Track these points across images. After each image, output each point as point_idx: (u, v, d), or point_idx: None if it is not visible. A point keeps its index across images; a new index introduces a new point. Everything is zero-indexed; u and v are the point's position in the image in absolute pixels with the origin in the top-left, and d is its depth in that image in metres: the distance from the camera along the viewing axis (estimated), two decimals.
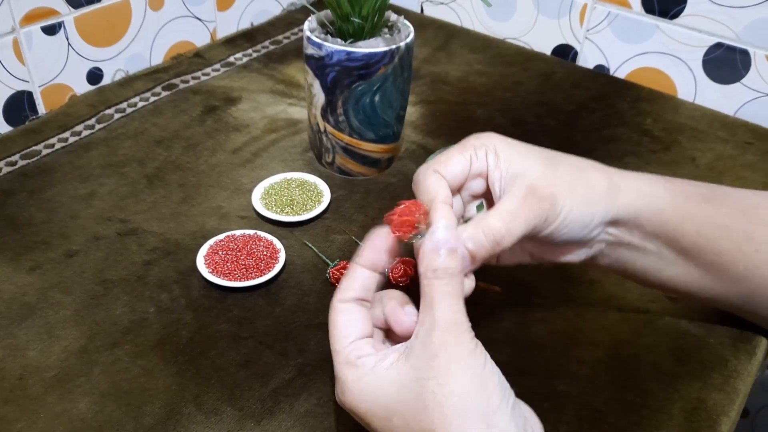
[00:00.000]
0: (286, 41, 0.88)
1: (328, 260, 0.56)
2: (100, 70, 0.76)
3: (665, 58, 0.80)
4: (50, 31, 0.70)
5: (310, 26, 0.60)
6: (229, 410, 0.45)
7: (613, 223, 0.44)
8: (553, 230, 0.41)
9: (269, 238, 0.56)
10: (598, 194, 0.42)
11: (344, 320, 0.38)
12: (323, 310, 0.52)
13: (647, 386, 0.48)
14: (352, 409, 0.37)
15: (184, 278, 0.54)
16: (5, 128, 0.70)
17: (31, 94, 0.71)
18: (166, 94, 0.76)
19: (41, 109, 0.72)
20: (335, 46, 0.57)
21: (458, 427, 0.33)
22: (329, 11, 0.60)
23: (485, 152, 0.42)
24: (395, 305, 0.39)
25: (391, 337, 0.41)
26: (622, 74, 0.84)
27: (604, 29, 0.83)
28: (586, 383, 0.48)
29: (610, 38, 0.83)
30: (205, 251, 0.55)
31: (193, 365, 0.48)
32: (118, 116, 0.72)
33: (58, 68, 0.72)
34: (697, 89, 0.80)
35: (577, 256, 0.45)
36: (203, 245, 0.56)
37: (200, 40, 0.86)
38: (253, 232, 0.57)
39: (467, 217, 0.45)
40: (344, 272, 0.53)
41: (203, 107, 0.74)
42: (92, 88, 0.76)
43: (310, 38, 0.58)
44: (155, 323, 0.50)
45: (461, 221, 0.43)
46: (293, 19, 0.93)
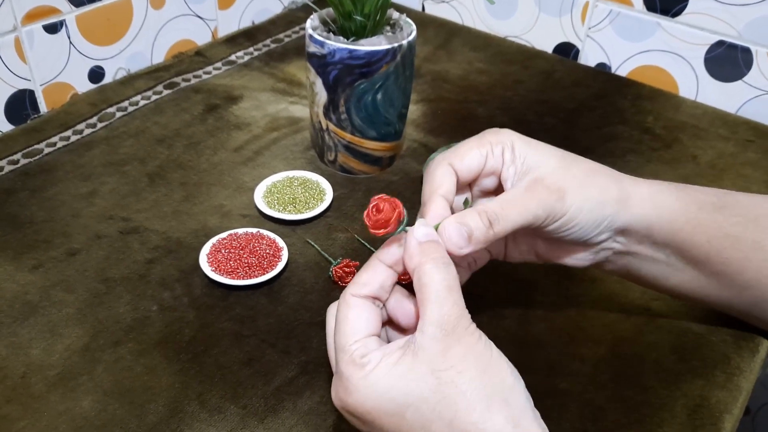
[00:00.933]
0: (287, 39, 0.88)
1: (330, 258, 0.56)
2: (101, 68, 0.76)
3: (667, 56, 0.80)
4: (52, 29, 0.70)
5: (312, 24, 0.60)
6: (232, 408, 0.45)
7: (622, 231, 0.44)
8: (560, 225, 0.41)
9: (272, 236, 0.56)
10: (609, 198, 0.42)
11: (355, 316, 0.37)
12: (325, 308, 0.51)
13: (649, 384, 0.48)
14: (356, 408, 0.36)
15: (186, 276, 0.54)
16: (7, 127, 0.70)
17: (32, 92, 0.71)
18: (167, 92, 0.76)
19: (43, 107, 0.72)
20: (337, 44, 0.57)
21: (482, 410, 0.34)
22: (331, 9, 0.60)
23: (502, 149, 0.42)
24: (401, 297, 0.39)
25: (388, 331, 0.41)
26: (623, 72, 0.84)
27: (605, 27, 0.83)
28: (588, 381, 0.48)
29: (611, 36, 0.83)
30: (207, 249, 0.55)
31: (196, 363, 0.48)
32: (119, 115, 0.72)
33: (59, 67, 0.72)
34: (698, 87, 0.80)
35: (582, 260, 0.45)
36: (206, 243, 0.56)
37: (201, 38, 0.86)
38: (255, 230, 0.57)
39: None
40: (347, 270, 0.54)
41: (204, 106, 0.74)
42: (94, 86, 0.76)
43: (312, 36, 0.58)
44: (158, 321, 0.50)
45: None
46: (294, 17, 0.93)
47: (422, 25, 0.91)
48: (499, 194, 0.43)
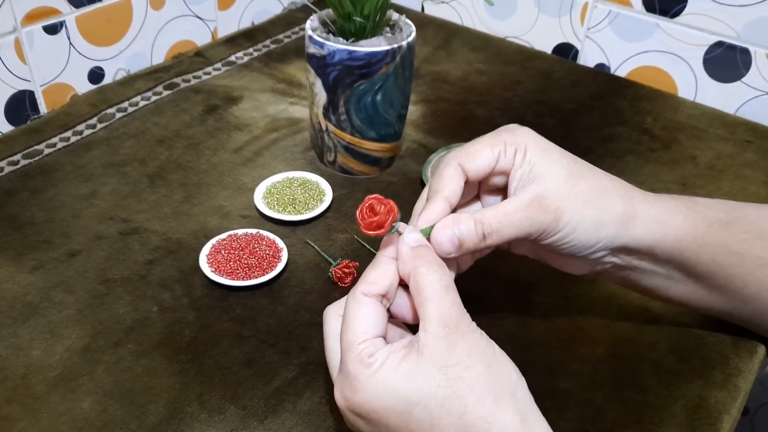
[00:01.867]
0: (287, 40, 0.88)
1: (330, 259, 0.56)
2: (101, 69, 0.76)
3: (666, 56, 0.81)
4: (51, 30, 0.70)
5: (311, 25, 0.60)
6: (232, 409, 0.45)
7: (622, 250, 0.43)
8: (553, 241, 0.41)
9: (271, 237, 0.57)
10: (610, 220, 0.42)
11: (365, 314, 0.37)
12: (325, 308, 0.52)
13: (648, 384, 0.48)
14: (362, 407, 0.36)
15: (186, 277, 0.54)
16: (7, 128, 0.70)
17: (32, 93, 0.71)
18: (167, 93, 0.76)
19: (43, 108, 0.72)
20: (337, 45, 0.57)
21: (491, 404, 0.34)
22: (331, 10, 0.60)
23: (515, 151, 0.42)
24: (400, 291, 0.39)
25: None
26: (622, 73, 0.84)
27: (604, 28, 0.83)
28: (587, 381, 0.48)
29: (610, 37, 0.83)
30: (207, 250, 0.55)
31: (196, 364, 0.48)
32: (119, 115, 0.72)
33: (59, 68, 0.72)
34: (697, 88, 0.80)
35: (579, 269, 0.45)
36: (206, 244, 0.56)
37: (201, 39, 0.86)
38: (255, 231, 0.57)
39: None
40: (347, 271, 0.54)
41: (204, 106, 0.74)
42: (93, 87, 0.76)
43: (311, 37, 0.58)
44: (158, 322, 0.51)
45: None
46: (294, 18, 0.93)
47: (422, 25, 0.91)
48: (504, 192, 0.43)
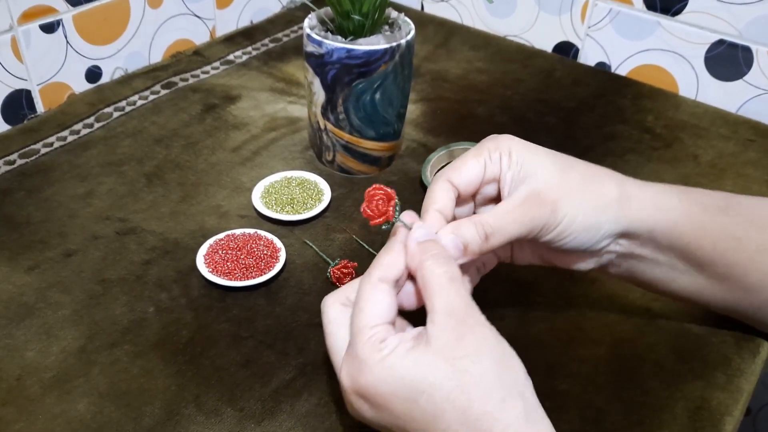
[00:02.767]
0: (285, 39, 0.88)
1: (328, 259, 0.56)
2: (98, 68, 0.76)
3: (667, 55, 0.80)
4: (48, 29, 0.70)
5: (310, 24, 0.60)
6: (229, 411, 0.45)
7: (624, 235, 0.43)
8: (554, 236, 0.41)
9: (269, 237, 0.56)
10: (607, 204, 0.42)
11: (379, 300, 0.37)
12: None
13: (649, 385, 0.47)
14: (367, 389, 0.35)
15: (183, 278, 0.54)
16: (3, 127, 0.69)
17: (29, 92, 0.70)
18: (165, 92, 0.75)
19: (40, 107, 0.72)
20: (335, 43, 0.56)
21: (496, 401, 0.34)
22: (329, 8, 0.60)
23: (499, 156, 0.42)
24: (408, 281, 0.39)
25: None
26: (623, 71, 0.84)
27: (605, 26, 0.83)
28: (587, 382, 0.48)
29: (611, 35, 0.83)
30: (205, 250, 0.55)
31: (193, 365, 0.47)
32: (117, 115, 0.72)
33: (56, 66, 0.72)
34: (699, 86, 0.79)
35: (586, 264, 0.45)
36: (203, 244, 0.55)
37: (199, 38, 0.85)
38: (253, 231, 0.57)
39: None
40: (345, 271, 0.53)
41: (202, 105, 0.74)
42: (91, 86, 0.76)
43: (310, 36, 0.58)
44: (155, 323, 0.50)
45: None
46: (292, 16, 0.93)
47: (421, 24, 0.91)
48: (499, 200, 0.43)
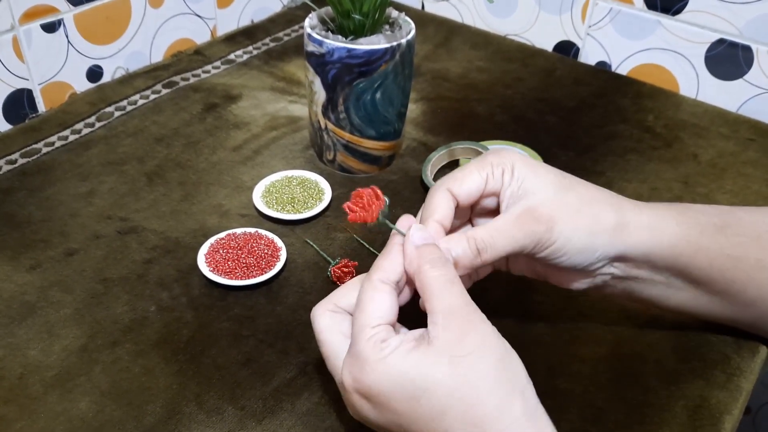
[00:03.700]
0: (286, 38, 0.88)
1: (329, 258, 0.56)
2: (99, 67, 0.76)
3: (667, 54, 0.80)
4: (50, 28, 0.70)
5: (310, 23, 0.60)
6: (230, 409, 0.45)
7: (620, 258, 0.43)
8: (549, 254, 0.41)
9: (270, 236, 0.56)
10: (603, 230, 0.42)
11: (381, 299, 0.37)
12: None
13: (650, 384, 0.47)
14: (370, 388, 0.35)
15: (184, 277, 0.54)
16: (5, 126, 0.69)
17: (30, 92, 0.70)
18: (166, 91, 0.76)
19: (41, 107, 0.72)
20: (336, 43, 0.56)
21: (499, 399, 0.34)
22: (330, 8, 0.60)
23: (502, 171, 0.42)
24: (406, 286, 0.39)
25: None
26: (623, 71, 0.84)
27: (606, 25, 0.83)
28: (588, 381, 0.48)
29: (612, 34, 0.83)
30: (206, 249, 0.55)
31: (194, 364, 0.47)
32: (118, 114, 0.72)
33: (57, 66, 0.72)
34: (699, 86, 0.79)
35: (579, 284, 0.45)
36: (204, 243, 0.55)
37: (200, 37, 0.85)
38: (254, 230, 0.57)
39: None
40: (346, 270, 0.53)
41: (203, 105, 0.74)
42: (92, 85, 0.76)
43: (310, 35, 0.58)
44: (156, 322, 0.50)
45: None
46: (293, 16, 0.93)
47: (421, 23, 0.91)
48: (494, 214, 0.43)
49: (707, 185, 0.65)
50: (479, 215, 0.45)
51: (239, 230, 0.57)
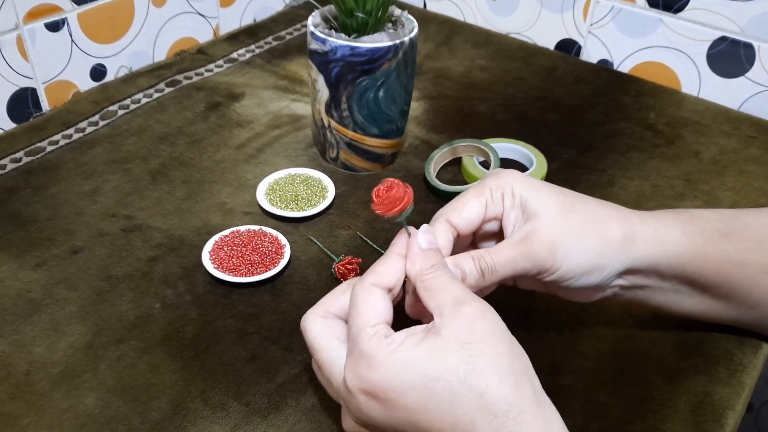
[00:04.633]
0: (288, 37, 0.88)
1: (333, 255, 0.56)
2: (103, 66, 0.76)
3: (669, 52, 0.80)
4: (53, 27, 0.70)
5: (313, 21, 0.60)
6: (235, 405, 0.45)
7: (628, 271, 0.43)
8: (557, 278, 0.41)
9: (274, 233, 0.57)
10: (610, 247, 0.42)
11: (375, 300, 0.37)
12: None
13: (652, 380, 0.48)
14: (379, 385, 0.35)
15: (189, 274, 0.54)
16: (9, 125, 0.70)
17: (34, 90, 0.71)
18: (169, 90, 0.76)
19: (45, 105, 0.72)
20: (339, 41, 0.57)
21: (511, 386, 0.34)
22: (333, 6, 0.60)
23: (501, 195, 0.42)
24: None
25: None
26: (625, 69, 0.84)
27: (607, 24, 0.83)
28: (590, 377, 0.48)
29: (613, 33, 0.83)
30: (210, 247, 0.55)
31: (199, 361, 0.48)
32: (121, 113, 0.72)
33: (61, 65, 0.72)
34: (701, 83, 0.80)
35: (589, 297, 0.45)
36: (208, 241, 0.56)
37: (203, 36, 0.85)
38: (258, 227, 0.57)
39: None
40: (349, 267, 0.54)
41: (206, 103, 0.74)
42: (96, 84, 0.76)
43: (314, 33, 0.58)
44: (161, 319, 0.51)
45: None
46: (295, 14, 0.93)
47: (424, 22, 0.91)
48: (501, 237, 0.43)
49: (709, 182, 0.66)
50: (483, 239, 0.45)
51: (243, 228, 0.57)
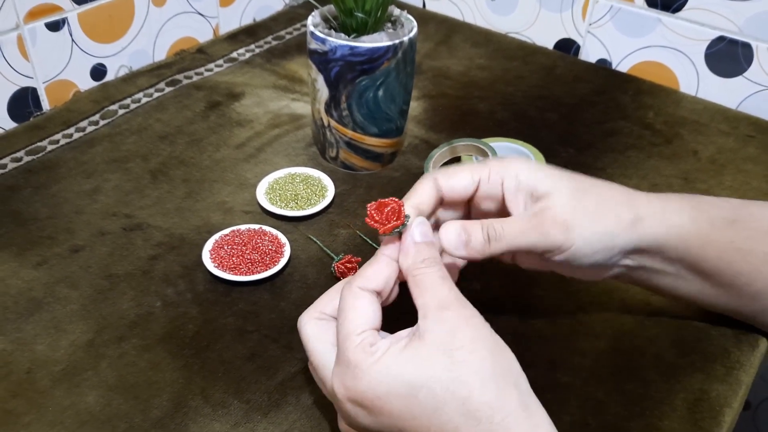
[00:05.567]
0: (288, 36, 0.88)
1: (332, 254, 0.56)
2: (103, 66, 0.76)
3: (667, 51, 0.81)
4: (54, 27, 0.70)
5: (313, 21, 0.60)
6: (236, 403, 0.45)
7: (634, 251, 0.44)
8: (567, 258, 0.42)
9: (274, 232, 0.57)
10: (622, 228, 0.42)
11: (363, 306, 0.37)
12: None
13: (650, 377, 0.48)
14: (364, 394, 0.35)
15: (189, 273, 0.54)
16: (10, 125, 0.70)
17: (35, 90, 0.71)
18: (169, 89, 0.76)
19: (45, 105, 0.72)
20: (339, 40, 0.57)
21: (495, 391, 0.34)
22: (332, 6, 0.60)
23: (501, 179, 0.42)
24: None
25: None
26: (624, 68, 0.84)
27: (606, 23, 0.83)
28: (588, 374, 0.48)
29: (612, 32, 0.83)
30: (210, 246, 0.55)
31: (199, 359, 0.48)
32: (121, 112, 0.72)
33: (61, 64, 0.72)
34: (699, 83, 0.80)
35: (593, 277, 0.46)
36: (208, 240, 0.56)
37: (203, 35, 0.86)
38: (257, 226, 0.57)
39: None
40: (349, 266, 0.54)
41: (206, 103, 0.74)
42: (96, 84, 0.76)
43: (313, 33, 0.59)
44: (161, 317, 0.51)
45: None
46: (295, 14, 0.93)
47: (423, 21, 0.91)
48: (501, 214, 0.43)
49: (707, 181, 0.66)
50: (476, 216, 0.45)
51: (243, 227, 0.57)
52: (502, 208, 0.43)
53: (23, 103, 0.70)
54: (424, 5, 0.97)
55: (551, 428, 0.35)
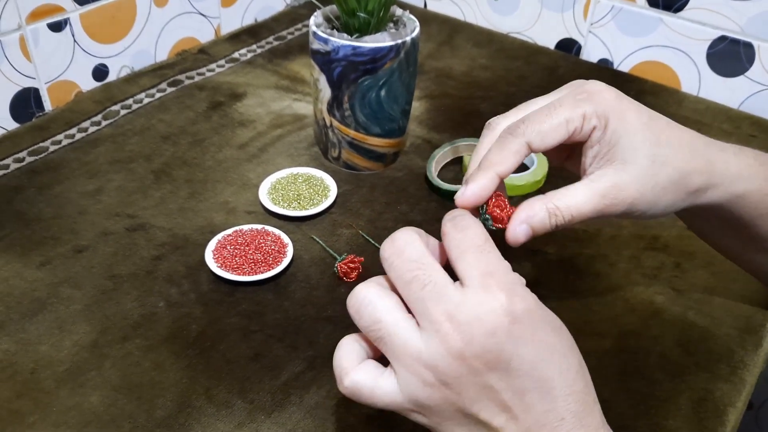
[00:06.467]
0: (290, 37, 0.88)
1: (335, 254, 0.56)
2: (105, 66, 0.76)
3: (669, 51, 0.81)
4: (56, 27, 0.70)
5: (315, 21, 0.60)
6: (240, 403, 0.45)
7: (692, 207, 0.43)
8: (625, 215, 0.40)
9: (277, 232, 0.57)
10: (689, 194, 0.41)
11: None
12: (331, 303, 0.52)
13: (654, 377, 0.48)
14: (521, 317, 0.33)
15: (192, 273, 0.54)
16: (12, 125, 0.70)
17: (37, 90, 0.71)
18: (171, 90, 0.76)
19: (48, 105, 0.72)
20: (341, 41, 0.57)
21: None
22: (335, 6, 0.60)
23: (593, 127, 0.39)
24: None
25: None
26: (626, 68, 0.85)
27: (608, 23, 0.83)
28: (593, 374, 0.48)
29: (614, 32, 0.83)
30: (213, 246, 0.55)
31: (203, 359, 0.48)
32: (124, 112, 0.72)
33: (64, 65, 0.72)
34: (701, 82, 0.80)
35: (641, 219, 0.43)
36: (211, 240, 0.56)
37: (205, 36, 0.86)
38: (260, 226, 0.57)
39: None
40: (352, 266, 0.54)
41: (209, 103, 0.74)
42: (98, 84, 0.76)
43: (316, 33, 0.59)
44: (165, 317, 0.51)
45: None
46: (296, 14, 0.93)
47: (425, 21, 0.91)
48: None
49: None
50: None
51: (246, 227, 0.57)
52: (563, 144, 0.41)
53: (25, 103, 0.70)
54: (425, 6, 0.97)
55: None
